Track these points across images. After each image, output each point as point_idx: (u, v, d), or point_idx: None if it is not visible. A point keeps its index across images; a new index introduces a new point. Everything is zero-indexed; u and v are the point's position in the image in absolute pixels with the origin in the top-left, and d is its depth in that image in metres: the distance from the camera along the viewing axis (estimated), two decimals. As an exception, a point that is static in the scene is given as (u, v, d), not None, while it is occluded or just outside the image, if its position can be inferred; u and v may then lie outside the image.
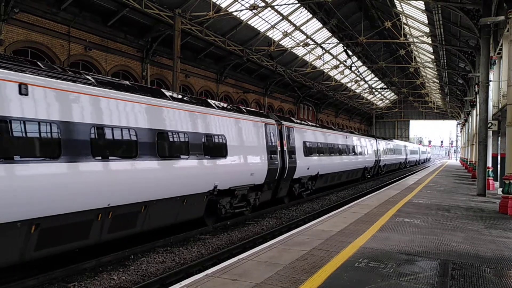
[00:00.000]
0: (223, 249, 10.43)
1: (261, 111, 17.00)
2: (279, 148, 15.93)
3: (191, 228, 12.15)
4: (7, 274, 7.71)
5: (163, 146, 9.98)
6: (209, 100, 12.91)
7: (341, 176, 25.35)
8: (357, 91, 55.02)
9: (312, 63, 38.01)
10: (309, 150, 19.33)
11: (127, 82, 10.03)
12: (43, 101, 7.25)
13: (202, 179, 11.34)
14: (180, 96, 11.53)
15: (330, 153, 22.68)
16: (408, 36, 33.03)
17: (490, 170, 20.11)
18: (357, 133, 32.79)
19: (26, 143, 6.99)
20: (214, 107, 12.62)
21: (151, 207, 9.56)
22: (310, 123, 22.66)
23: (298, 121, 20.08)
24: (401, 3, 27.65)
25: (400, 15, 30.74)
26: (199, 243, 10.98)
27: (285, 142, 16.55)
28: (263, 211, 15.87)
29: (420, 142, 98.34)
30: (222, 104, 13.64)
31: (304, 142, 18.88)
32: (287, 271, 6.11)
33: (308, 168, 18.96)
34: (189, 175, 10.85)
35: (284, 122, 17.00)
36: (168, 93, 10.94)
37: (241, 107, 15.19)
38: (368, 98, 62.00)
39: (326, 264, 6.47)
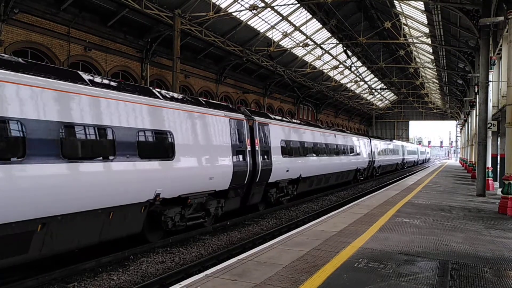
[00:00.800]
0: (223, 249, 10.44)
1: (226, 104, 14.51)
2: (249, 148, 13.80)
3: (136, 244, 10.24)
4: (7, 275, 7.71)
5: (72, 144, 7.83)
6: (152, 88, 10.68)
7: (329, 179, 23.28)
8: (357, 91, 55.06)
9: (312, 63, 38.02)
10: (289, 150, 17.32)
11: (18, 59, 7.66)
12: None
13: (135, 186, 9.03)
14: (106, 82, 9.20)
15: (315, 154, 20.52)
16: (407, 37, 33.04)
17: (490, 170, 20.11)
18: (348, 131, 30.52)
19: None
20: (157, 97, 10.28)
21: (52, 225, 7.44)
22: (294, 120, 20.36)
23: (278, 118, 17.72)
24: (401, 4, 27.67)
25: (400, 16, 30.77)
26: (198, 244, 10.98)
27: (257, 140, 14.43)
28: (263, 211, 15.86)
29: (419, 142, 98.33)
30: (171, 93, 11.34)
31: (283, 141, 16.87)
32: (286, 272, 6.11)
33: (287, 171, 16.93)
34: (114, 181, 8.54)
35: (257, 118, 14.91)
36: (87, 77, 8.66)
37: (200, 98, 12.79)
38: (368, 98, 62.02)
39: (325, 265, 6.47)
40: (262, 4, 25.57)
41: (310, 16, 30.78)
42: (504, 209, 12.43)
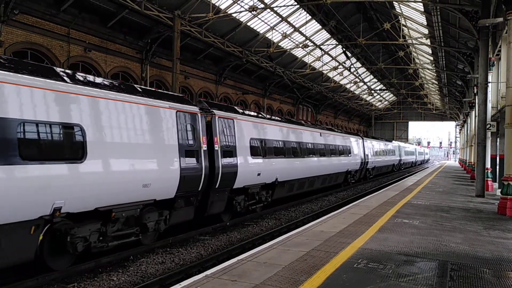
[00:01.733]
0: (223, 250, 10.45)
1: (176, 94, 12.02)
2: (204, 147, 11.36)
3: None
4: (7, 275, 7.72)
5: None
6: (56, 68, 8.28)
7: (314, 182, 20.91)
8: (356, 92, 55.09)
9: (311, 64, 38.05)
10: (262, 150, 15.04)
11: None
12: None
13: (13, 199, 6.72)
14: None
15: (296, 154, 18.27)
16: (407, 38, 33.11)
17: (489, 171, 20.14)
18: (338, 130, 27.83)
19: None
20: (62, 79, 7.95)
21: None
22: (271, 117, 17.54)
23: (248, 113, 15.34)
24: (400, 5, 27.72)
25: (399, 17, 30.82)
26: (198, 244, 10.99)
27: (217, 138, 12.20)
28: (263, 212, 15.87)
29: (419, 143, 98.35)
30: (88, 77, 8.89)
31: (255, 140, 14.60)
32: (286, 272, 6.12)
33: (259, 174, 14.65)
34: None
35: (217, 112, 12.55)
36: None
37: (138, 86, 10.41)
38: (367, 99, 62.07)
39: (325, 265, 6.49)
40: (262, 5, 25.60)
41: (310, 17, 30.80)
42: (503, 210, 12.45)
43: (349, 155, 27.00)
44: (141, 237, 9.89)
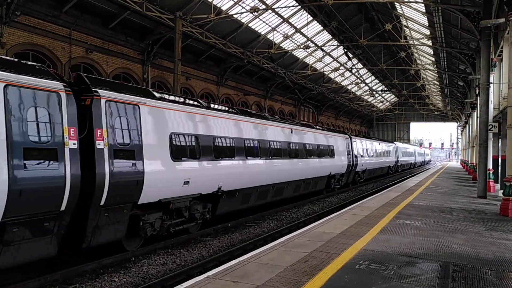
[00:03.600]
0: (224, 251, 10.44)
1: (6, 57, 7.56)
2: (72, 144, 7.78)
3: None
4: (9, 276, 7.73)
5: None
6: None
7: (281, 191, 16.85)
8: (358, 93, 55.09)
9: (313, 65, 38.06)
10: (192, 150, 11.09)
11: None
12: None
13: None
14: None
15: (253, 155, 14.22)
16: (408, 38, 33.10)
17: (491, 172, 20.10)
18: (318, 127, 23.36)
19: None
20: None
21: None
22: (209, 104, 12.81)
23: (167, 97, 10.76)
24: (402, 6, 27.71)
25: (401, 17, 30.80)
26: (199, 245, 10.98)
27: (101, 132, 8.45)
28: (264, 213, 15.85)
29: (420, 144, 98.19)
30: None
31: (178, 136, 10.61)
32: (288, 273, 6.12)
33: (186, 182, 10.65)
34: None
35: (103, 93, 8.64)
36: None
37: None
38: (369, 100, 62.08)
39: (327, 266, 6.48)
40: (263, 6, 25.62)
41: (311, 18, 30.83)
42: (505, 211, 12.42)
43: (332, 156, 23.04)
44: None
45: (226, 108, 13.79)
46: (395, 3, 28.58)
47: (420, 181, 26.22)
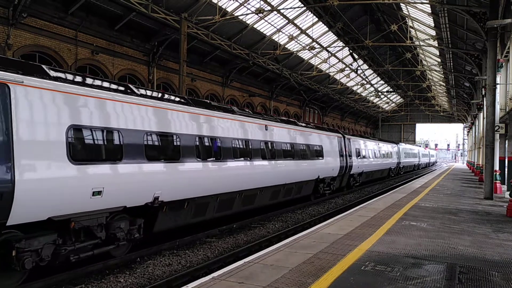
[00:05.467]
0: (229, 252, 10.44)
1: None
2: None
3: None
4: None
5: None
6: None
7: (252, 198, 14.40)
8: (363, 94, 54.98)
9: (318, 66, 38.05)
10: (107, 149, 8.44)
11: None
12: None
13: None
14: None
15: (210, 156, 11.68)
16: (414, 39, 32.98)
17: (497, 173, 19.98)
18: (303, 124, 20.49)
19: None
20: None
21: None
22: (131, 89, 9.62)
23: (62, 76, 8.00)
24: (407, 6, 27.63)
25: (406, 18, 30.72)
26: (205, 246, 10.99)
27: None
28: (269, 214, 15.84)
29: (426, 145, 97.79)
30: None
31: (82, 131, 7.91)
32: (293, 274, 6.11)
33: (98, 193, 8.12)
34: None
35: None
36: None
37: None
38: (374, 101, 61.93)
39: (332, 267, 6.46)
40: (268, 8, 25.65)
41: (316, 19, 30.82)
42: (512, 212, 12.35)
43: (321, 157, 20.28)
44: None
45: (173, 98, 10.97)
46: (401, 4, 28.54)
47: (426, 183, 26.10)
